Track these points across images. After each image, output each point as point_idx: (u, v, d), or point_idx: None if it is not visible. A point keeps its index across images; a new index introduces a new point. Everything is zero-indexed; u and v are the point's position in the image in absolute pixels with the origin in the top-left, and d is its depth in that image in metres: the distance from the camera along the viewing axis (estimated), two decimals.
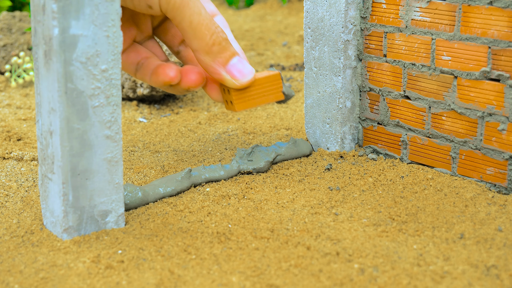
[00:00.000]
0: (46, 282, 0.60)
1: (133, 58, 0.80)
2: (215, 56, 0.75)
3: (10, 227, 0.70)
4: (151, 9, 0.74)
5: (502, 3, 0.71)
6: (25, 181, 0.81)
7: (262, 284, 0.60)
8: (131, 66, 0.80)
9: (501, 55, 0.72)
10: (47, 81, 0.64)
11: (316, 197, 0.75)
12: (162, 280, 0.60)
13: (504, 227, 0.68)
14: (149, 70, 0.79)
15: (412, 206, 0.73)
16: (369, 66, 0.84)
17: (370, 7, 0.82)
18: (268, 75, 0.79)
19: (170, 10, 0.73)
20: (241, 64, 0.76)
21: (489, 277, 0.60)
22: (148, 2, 0.73)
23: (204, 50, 0.75)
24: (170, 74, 0.76)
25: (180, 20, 0.74)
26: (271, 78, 0.79)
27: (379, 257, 0.63)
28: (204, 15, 0.74)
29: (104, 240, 0.66)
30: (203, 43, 0.74)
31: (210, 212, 0.72)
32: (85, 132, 0.65)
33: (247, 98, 0.78)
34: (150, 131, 0.97)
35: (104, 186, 0.67)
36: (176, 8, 0.73)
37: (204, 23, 0.74)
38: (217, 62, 0.76)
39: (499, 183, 0.75)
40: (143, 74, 0.79)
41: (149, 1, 0.73)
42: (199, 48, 0.75)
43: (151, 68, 0.79)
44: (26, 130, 0.98)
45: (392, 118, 0.83)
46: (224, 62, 0.76)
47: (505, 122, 0.73)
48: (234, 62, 0.76)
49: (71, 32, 0.62)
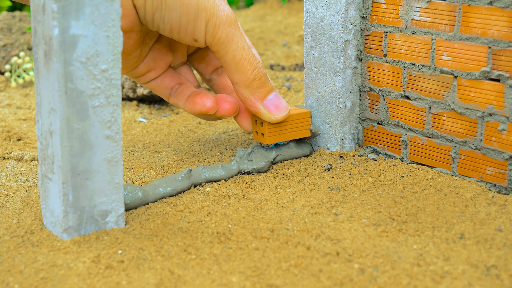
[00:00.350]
0: (46, 282, 0.60)
1: (167, 83, 0.84)
2: (255, 90, 0.79)
3: (10, 227, 0.70)
4: (196, 42, 0.78)
5: (502, 3, 0.71)
6: (25, 181, 0.81)
7: (262, 284, 0.60)
8: (165, 90, 0.84)
9: (501, 55, 0.72)
10: (47, 81, 0.64)
11: (316, 197, 0.75)
12: (162, 280, 0.60)
13: (504, 227, 0.68)
14: (183, 96, 0.82)
15: (412, 206, 0.73)
16: (369, 66, 0.84)
17: (370, 7, 0.82)
18: (300, 112, 0.83)
19: (215, 44, 0.77)
20: (278, 100, 0.80)
21: (489, 277, 0.60)
22: (195, 36, 0.76)
23: (245, 84, 0.79)
24: (207, 104, 0.80)
25: (223, 54, 0.78)
26: (302, 116, 0.83)
27: (379, 257, 0.63)
28: (247, 50, 0.78)
29: (104, 240, 0.66)
30: (245, 77, 0.78)
31: (210, 212, 0.72)
32: (85, 132, 0.65)
33: (278, 132, 0.82)
34: (150, 131, 0.97)
35: (104, 186, 0.67)
36: (221, 43, 0.77)
37: (247, 58, 0.78)
38: (256, 96, 0.79)
39: (499, 183, 0.75)
40: (177, 99, 0.83)
41: (196, 35, 0.76)
42: (240, 81, 0.79)
43: (186, 94, 0.82)
44: (26, 130, 0.98)
45: (392, 118, 0.83)
46: (262, 96, 0.80)
47: (505, 122, 0.73)
48: (272, 97, 0.80)
49: (71, 32, 0.62)
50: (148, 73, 0.83)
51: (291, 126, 0.83)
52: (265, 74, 0.80)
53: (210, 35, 0.77)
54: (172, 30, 0.77)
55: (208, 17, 0.76)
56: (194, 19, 0.76)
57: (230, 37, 0.77)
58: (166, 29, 0.77)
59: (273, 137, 0.82)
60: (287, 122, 0.82)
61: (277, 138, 0.82)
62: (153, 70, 0.83)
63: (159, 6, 0.75)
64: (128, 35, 0.77)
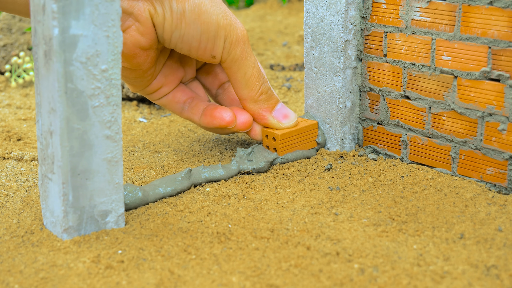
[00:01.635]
0: (46, 282, 0.60)
1: (179, 98, 0.84)
2: (263, 104, 0.82)
3: (10, 227, 0.70)
4: (214, 59, 0.79)
5: (502, 3, 0.71)
6: (25, 181, 0.81)
7: (262, 284, 0.60)
8: (178, 105, 0.84)
9: (501, 55, 0.72)
10: (47, 81, 0.64)
11: (316, 197, 0.75)
12: (162, 280, 0.60)
13: (504, 227, 0.68)
14: (198, 110, 0.83)
15: (412, 206, 0.73)
16: (369, 66, 0.84)
17: (370, 7, 0.82)
18: (309, 124, 0.85)
19: (230, 60, 0.79)
20: (285, 109, 0.83)
21: (489, 277, 0.60)
22: (213, 53, 0.78)
23: (253, 99, 0.81)
24: (226, 118, 0.81)
25: (235, 71, 0.80)
26: (311, 127, 0.85)
27: (379, 257, 0.63)
28: (257, 67, 0.81)
29: (104, 240, 0.66)
30: (253, 93, 0.81)
31: (210, 212, 0.72)
32: (85, 132, 0.65)
33: (289, 145, 0.83)
34: (150, 131, 0.97)
35: (104, 186, 0.67)
36: (235, 60, 0.79)
37: (256, 75, 0.80)
38: (264, 109, 0.82)
39: (499, 183, 0.75)
40: (192, 113, 0.84)
41: (214, 52, 0.78)
42: (248, 97, 0.81)
43: (200, 109, 0.83)
44: (26, 130, 0.98)
45: (392, 118, 0.83)
46: (270, 108, 0.82)
47: (505, 122, 0.73)
48: (279, 107, 0.83)
49: (71, 32, 0.62)
50: (160, 89, 0.84)
51: (301, 138, 0.84)
52: (270, 88, 0.82)
53: (227, 52, 0.78)
54: (191, 48, 0.78)
55: (226, 34, 0.77)
56: (214, 36, 0.77)
57: (244, 55, 0.79)
58: (185, 47, 0.78)
59: (284, 150, 0.83)
60: (297, 135, 0.84)
61: (288, 151, 0.84)
62: (165, 86, 0.84)
63: (179, 25, 0.75)
64: (147, 53, 0.78)
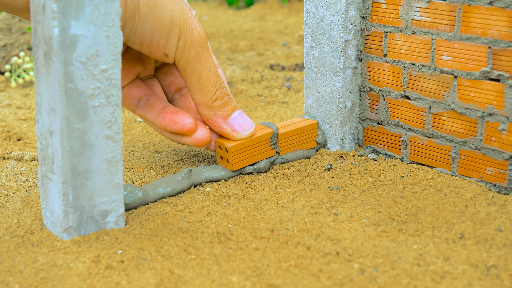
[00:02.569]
0: (46, 282, 0.60)
1: (134, 93, 0.80)
2: (217, 110, 0.77)
3: (10, 227, 0.70)
4: (167, 58, 0.75)
5: (502, 3, 0.71)
6: (25, 181, 0.81)
7: (262, 284, 0.60)
8: (131, 101, 0.80)
9: (501, 55, 0.72)
10: (47, 81, 0.64)
11: (316, 197, 0.75)
12: (162, 280, 0.60)
13: (504, 227, 0.68)
14: (154, 109, 0.78)
15: (412, 206, 0.73)
16: (369, 66, 0.84)
17: (370, 7, 0.82)
18: (309, 124, 0.84)
19: (184, 61, 0.75)
20: (242, 119, 0.79)
21: (489, 277, 0.60)
22: (166, 51, 0.74)
23: (207, 104, 0.77)
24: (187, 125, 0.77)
25: (190, 73, 0.75)
26: (311, 127, 0.84)
27: (379, 257, 0.63)
28: (213, 71, 0.76)
29: (104, 240, 0.66)
30: (207, 98, 0.76)
31: (210, 212, 0.72)
32: (85, 132, 0.65)
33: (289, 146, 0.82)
34: (150, 131, 0.97)
35: (104, 186, 0.67)
36: (189, 61, 0.75)
37: (212, 79, 0.76)
38: (219, 115, 0.78)
39: (499, 183, 0.75)
40: (146, 111, 0.79)
41: (167, 50, 0.74)
42: (202, 102, 0.77)
43: (157, 108, 0.78)
44: (26, 130, 0.98)
45: (392, 118, 0.83)
46: (225, 116, 0.78)
47: (505, 122, 0.73)
48: (235, 116, 0.78)
49: (71, 32, 0.62)
50: None
51: (300, 139, 0.83)
52: (228, 94, 0.78)
53: (180, 51, 0.74)
54: (143, 43, 0.73)
55: (181, 32, 0.73)
56: (168, 33, 0.73)
57: (200, 57, 0.75)
58: (137, 41, 0.73)
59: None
60: (296, 135, 0.82)
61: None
62: None
63: (132, 18, 0.71)
64: None
